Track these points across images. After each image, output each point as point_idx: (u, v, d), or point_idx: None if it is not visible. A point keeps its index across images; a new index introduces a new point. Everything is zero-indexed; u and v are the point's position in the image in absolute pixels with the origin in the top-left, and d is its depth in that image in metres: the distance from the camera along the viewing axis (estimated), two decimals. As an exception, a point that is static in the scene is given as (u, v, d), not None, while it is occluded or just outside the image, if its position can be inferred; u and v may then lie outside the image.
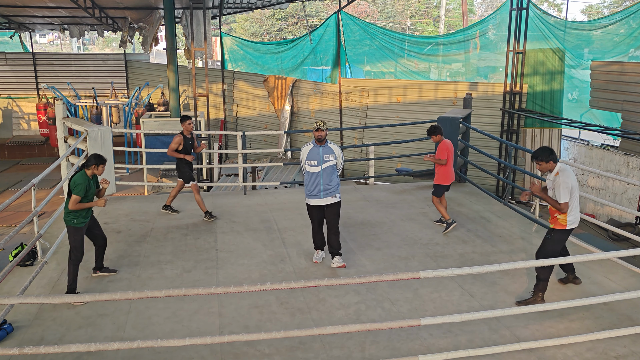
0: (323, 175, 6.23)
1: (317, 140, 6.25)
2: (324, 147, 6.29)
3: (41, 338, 4.90)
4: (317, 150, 6.26)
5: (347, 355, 4.63)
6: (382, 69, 18.19)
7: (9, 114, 22.19)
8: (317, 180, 6.24)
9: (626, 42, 14.56)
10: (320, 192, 6.26)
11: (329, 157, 6.25)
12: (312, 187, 6.27)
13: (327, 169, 6.25)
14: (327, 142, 6.34)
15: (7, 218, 13.24)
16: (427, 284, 5.88)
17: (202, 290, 3.99)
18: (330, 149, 6.30)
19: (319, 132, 6.23)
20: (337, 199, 6.39)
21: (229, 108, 19.46)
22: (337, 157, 6.33)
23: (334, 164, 6.28)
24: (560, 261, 5.42)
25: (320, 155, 6.24)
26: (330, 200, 6.33)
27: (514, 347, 4.60)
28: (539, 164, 5.44)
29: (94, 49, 53.68)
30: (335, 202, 6.38)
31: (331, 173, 6.27)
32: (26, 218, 6.08)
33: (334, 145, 6.36)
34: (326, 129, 6.30)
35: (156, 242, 7.24)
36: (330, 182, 6.27)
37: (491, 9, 43.59)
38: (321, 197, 6.28)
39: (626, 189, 12.32)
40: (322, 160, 6.23)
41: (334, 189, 6.32)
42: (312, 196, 6.31)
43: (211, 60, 31.02)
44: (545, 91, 14.40)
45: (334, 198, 6.36)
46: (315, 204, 6.34)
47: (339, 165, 6.37)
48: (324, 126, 6.26)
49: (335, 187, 6.33)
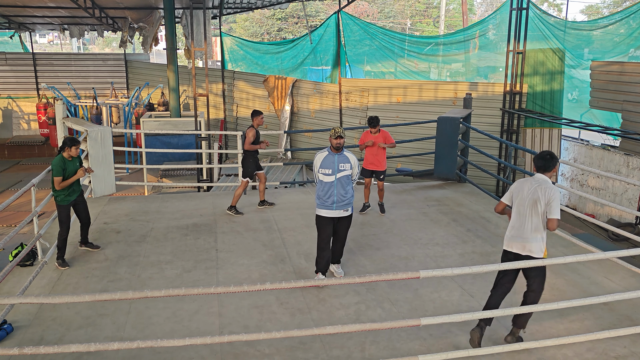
0: (337, 186, 5.83)
1: (334, 147, 5.85)
2: (340, 156, 5.88)
3: (41, 338, 4.90)
4: (332, 159, 5.87)
5: (347, 355, 4.63)
6: (382, 69, 18.19)
7: (9, 114, 22.19)
8: (330, 190, 5.84)
9: (626, 42, 14.56)
10: (334, 203, 5.86)
11: (344, 166, 5.85)
12: (325, 198, 5.87)
13: (341, 179, 5.85)
14: (344, 150, 5.94)
15: (7, 218, 13.24)
16: (427, 284, 5.88)
17: (202, 290, 3.98)
18: (347, 157, 5.90)
19: (338, 140, 5.81)
20: (350, 212, 6.02)
21: (229, 108, 19.46)
22: (353, 166, 5.93)
23: (349, 174, 5.90)
24: (560, 261, 5.42)
25: (336, 163, 5.84)
26: (342, 213, 5.94)
27: (514, 347, 4.60)
28: None
29: (94, 49, 53.68)
30: (347, 215, 6.00)
31: (346, 184, 5.89)
32: (26, 218, 6.09)
33: (350, 154, 5.95)
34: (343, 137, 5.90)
35: (156, 242, 7.24)
36: (345, 193, 5.88)
37: (491, 9, 43.59)
38: (334, 208, 5.88)
39: (626, 189, 12.32)
40: (337, 169, 5.83)
41: (348, 201, 5.93)
42: (324, 207, 5.90)
43: (211, 60, 31.03)
44: (545, 91, 14.40)
45: (347, 211, 5.97)
46: (327, 214, 5.91)
47: (354, 175, 5.99)
48: (343, 133, 5.86)
49: (349, 198, 5.94)
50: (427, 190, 9.80)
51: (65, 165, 6.36)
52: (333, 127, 5.90)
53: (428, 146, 11.86)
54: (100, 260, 6.65)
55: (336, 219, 5.97)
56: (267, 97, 18.33)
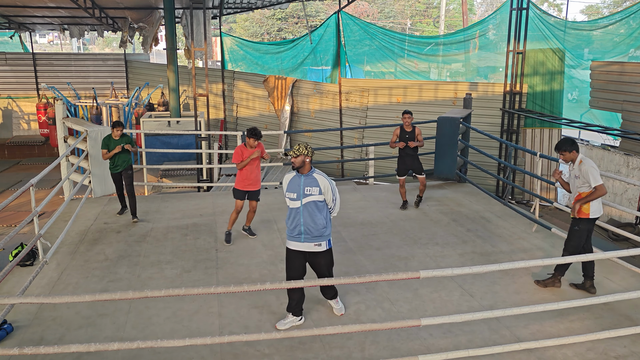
0: (304, 213, 4.87)
1: (294, 168, 4.96)
2: (307, 178, 4.91)
3: (41, 338, 4.90)
4: (297, 181, 4.93)
5: (347, 355, 4.63)
6: (382, 69, 18.18)
7: (9, 114, 22.19)
8: (297, 218, 4.91)
9: (626, 42, 14.55)
10: (301, 234, 4.90)
11: (311, 190, 4.87)
12: (291, 227, 4.96)
13: (308, 206, 4.87)
14: (313, 172, 4.96)
15: (7, 218, 13.24)
16: (427, 284, 5.88)
17: (202, 290, 3.99)
18: (315, 180, 4.89)
19: (293, 160, 4.89)
20: (323, 247, 4.96)
21: (229, 108, 19.45)
22: (324, 191, 4.90)
23: (319, 200, 4.90)
24: (560, 261, 5.43)
25: (301, 187, 4.90)
26: (313, 247, 4.93)
27: (514, 347, 4.60)
28: (562, 154, 5.64)
29: (94, 49, 53.68)
30: (319, 251, 4.97)
31: (314, 212, 4.87)
32: (26, 218, 6.08)
33: (322, 177, 4.92)
34: (304, 155, 4.88)
35: (156, 242, 7.24)
36: (314, 223, 4.87)
37: (491, 9, 43.59)
38: (302, 240, 4.92)
39: (626, 189, 12.31)
40: (302, 193, 4.89)
41: (319, 233, 4.91)
42: (290, 237, 4.99)
43: (211, 60, 31.01)
44: (545, 91, 14.40)
45: (319, 246, 4.93)
46: (294, 247, 4.97)
47: (329, 202, 4.95)
48: (298, 151, 4.87)
49: (321, 230, 4.90)
50: (427, 190, 9.80)
51: (109, 142, 7.97)
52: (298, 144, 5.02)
53: (428, 146, 11.85)
54: (100, 260, 6.65)
55: (307, 254, 5.00)
56: (267, 97, 18.32)
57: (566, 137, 5.78)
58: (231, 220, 7.25)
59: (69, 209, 8.35)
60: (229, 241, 7.20)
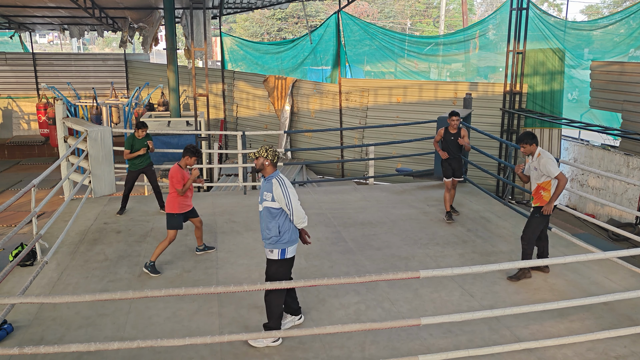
0: (262, 217, 4.79)
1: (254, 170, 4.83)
2: (266, 182, 4.74)
3: (41, 338, 4.90)
4: (262, 184, 4.83)
5: (347, 355, 4.63)
6: (382, 69, 18.18)
7: (9, 114, 22.20)
8: (260, 221, 4.86)
9: (626, 42, 14.56)
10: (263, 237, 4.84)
11: (266, 195, 4.70)
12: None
13: (264, 211, 4.74)
14: (272, 176, 4.72)
15: (7, 218, 13.24)
16: (427, 284, 5.88)
17: (202, 289, 3.98)
18: (270, 186, 4.68)
19: (255, 161, 4.76)
20: (275, 256, 4.73)
21: (229, 108, 19.46)
22: (277, 199, 4.62)
23: (272, 207, 4.68)
24: (559, 261, 5.43)
25: (261, 190, 4.80)
26: (267, 252, 4.80)
27: (514, 347, 4.60)
28: (523, 146, 6.01)
29: (94, 49, 53.69)
30: (270, 258, 4.78)
31: (268, 218, 4.71)
32: (25, 218, 6.08)
33: (279, 183, 4.66)
34: (263, 157, 4.69)
35: (156, 242, 7.23)
36: (267, 229, 4.72)
37: (491, 9, 43.60)
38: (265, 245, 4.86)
39: (626, 189, 12.31)
40: (261, 198, 4.79)
41: (270, 240, 4.71)
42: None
43: (211, 60, 31.02)
44: (545, 91, 14.40)
45: (270, 253, 4.75)
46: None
47: (285, 208, 4.66)
48: (258, 152, 4.72)
49: (272, 238, 4.69)
50: (427, 190, 9.80)
51: (133, 142, 8.15)
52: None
53: (428, 146, 11.86)
54: (100, 260, 6.65)
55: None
56: (267, 97, 18.32)
57: (527, 131, 6.08)
58: (159, 251, 6.25)
59: (69, 209, 8.34)
60: (156, 272, 6.20)
